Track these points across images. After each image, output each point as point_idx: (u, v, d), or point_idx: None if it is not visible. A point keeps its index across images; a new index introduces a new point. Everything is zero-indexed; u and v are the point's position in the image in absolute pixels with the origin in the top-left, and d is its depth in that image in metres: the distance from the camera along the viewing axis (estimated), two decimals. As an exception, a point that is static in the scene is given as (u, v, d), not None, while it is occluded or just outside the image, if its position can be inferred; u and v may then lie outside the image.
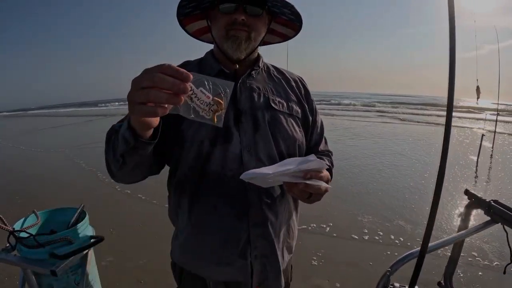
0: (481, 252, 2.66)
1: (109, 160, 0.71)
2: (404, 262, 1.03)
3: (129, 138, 0.60)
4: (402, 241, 2.87)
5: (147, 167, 0.75)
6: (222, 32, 0.79)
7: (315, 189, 0.69)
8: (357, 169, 5.29)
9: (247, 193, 0.80)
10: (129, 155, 0.64)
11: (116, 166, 0.68)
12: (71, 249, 1.12)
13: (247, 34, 0.79)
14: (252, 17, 0.79)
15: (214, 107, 0.52)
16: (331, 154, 1.02)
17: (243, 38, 0.79)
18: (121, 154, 0.64)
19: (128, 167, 0.68)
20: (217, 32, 0.82)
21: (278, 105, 0.86)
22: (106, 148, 0.70)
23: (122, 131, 0.61)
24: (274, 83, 0.91)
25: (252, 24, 0.79)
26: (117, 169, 0.69)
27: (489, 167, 5.56)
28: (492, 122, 7.19)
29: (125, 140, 0.61)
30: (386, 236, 2.95)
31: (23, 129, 13.03)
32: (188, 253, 0.86)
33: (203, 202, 0.82)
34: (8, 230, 1.14)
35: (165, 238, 1.05)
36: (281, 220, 0.86)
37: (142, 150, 0.62)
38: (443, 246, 1.12)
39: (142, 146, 0.61)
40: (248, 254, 0.82)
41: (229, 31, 0.78)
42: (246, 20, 0.78)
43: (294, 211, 0.94)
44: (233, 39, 0.78)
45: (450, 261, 1.39)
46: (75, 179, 4.90)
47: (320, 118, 1.00)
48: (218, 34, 0.82)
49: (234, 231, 0.81)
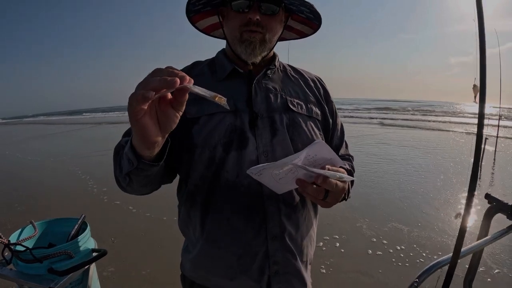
0: (499, 258, 2.59)
1: (118, 176, 0.67)
2: (432, 272, 0.96)
3: (132, 158, 0.57)
4: (413, 249, 2.80)
5: (157, 183, 0.72)
6: (235, 33, 0.75)
7: (332, 185, 0.61)
8: (364, 175, 5.23)
9: (265, 203, 0.73)
10: (134, 175, 0.61)
11: (125, 182, 0.66)
12: (71, 264, 1.04)
13: (262, 36, 0.74)
14: (267, 16, 0.74)
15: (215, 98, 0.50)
16: (352, 158, 0.94)
17: (258, 42, 0.74)
18: (127, 173, 0.61)
19: (136, 185, 0.65)
20: (230, 32, 0.77)
21: (297, 107, 0.80)
22: (114, 163, 0.68)
23: (126, 150, 0.58)
24: (291, 83, 0.84)
25: (267, 24, 0.74)
26: (125, 185, 0.67)
27: (491, 172, 5.53)
28: (495, 123, 7.15)
29: (129, 160, 0.58)
30: (394, 245, 2.88)
31: (20, 136, 12.93)
32: (201, 268, 0.79)
33: (217, 214, 0.75)
34: (3, 243, 1.06)
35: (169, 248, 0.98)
36: (302, 231, 0.79)
37: (146, 171, 0.59)
38: (470, 252, 1.06)
39: (146, 167, 0.57)
40: (266, 270, 0.75)
41: (243, 34, 0.74)
42: (261, 20, 0.72)
43: (315, 219, 0.86)
44: (247, 43, 0.73)
45: (470, 268, 1.33)
46: (74, 189, 4.80)
47: (340, 121, 0.94)
48: (231, 35, 0.76)
49: (251, 246, 0.74)
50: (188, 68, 0.83)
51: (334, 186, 0.62)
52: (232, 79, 0.78)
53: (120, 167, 0.64)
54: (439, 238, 2.92)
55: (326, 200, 0.64)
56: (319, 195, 0.62)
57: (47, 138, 12.17)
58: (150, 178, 0.63)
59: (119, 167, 0.64)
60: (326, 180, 0.60)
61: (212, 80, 0.78)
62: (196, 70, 0.81)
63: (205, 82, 0.77)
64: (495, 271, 2.40)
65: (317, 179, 0.59)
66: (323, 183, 0.60)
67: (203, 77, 0.79)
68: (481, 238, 1.21)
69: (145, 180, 0.63)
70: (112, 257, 2.54)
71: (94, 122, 19.30)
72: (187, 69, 0.82)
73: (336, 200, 0.67)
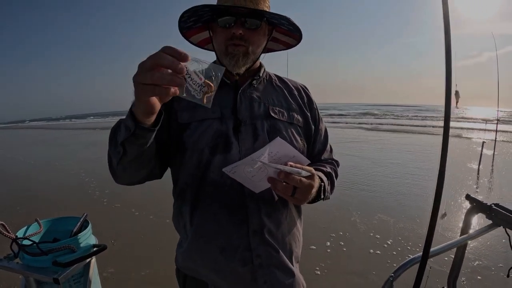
0: (484, 256, 2.65)
1: (111, 153, 0.71)
2: (407, 267, 1.02)
3: (130, 124, 0.60)
4: (407, 249, 2.84)
5: (147, 161, 0.73)
6: (222, 46, 0.81)
7: (295, 180, 0.67)
8: (358, 177, 5.28)
9: (246, 200, 0.80)
10: (129, 142, 0.63)
11: (117, 157, 0.68)
12: (74, 257, 1.12)
13: (245, 49, 0.80)
14: (250, 30, 0.80)
15: (204, 88, 0.54)
16: (335, 163, 0.99)
17: (241, 55, 0.80)
18: (122, 142, 0.64)
19: (128, 157, 0.67)
20: (217, 46, 0.84)
21: (278, 114, 0.86)
22: (109, 141, 0.70)
23: (125, 118, 0.62)
24: (275, 93, 0.91)
25: (249, 38, 0.80)
26: (117, 161, 0.69)
27: (491, 174, 5.55)
28: (494, 126, 7.17)
29: (126, 127, 0.61)
30: (389, 245, 2.92)
31: (22, 140, 13.08)
32: (190, 259, 0.86)
33: (203, 209, 0.82)
34: (11, 238, 1.14)
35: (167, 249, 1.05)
36: (283, 228, 0.85)
37: (142, 138, 0.62)
38: (445, 250, 1.11)
39: (143, 132, 0.61)
40: (249, 262, 0.81)
41: (228, 47, 0.80)
42: (244, 34, 0.78)
43: (298, 219, 0.92)
44: (231, 56, 0.80)
45: (454, 266, 1.38)
46: (75, 191, 4.89)
47: (325, 126, 1.00)
48: (218, 48, 0.83)
49: (233, 238, 0.81)
50: None
51: (298, 182, 0.67)
52: (220, 88, 0.86)
53: (115, 141, 0.67)
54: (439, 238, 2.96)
55: (295, 197, 0.70)
56: (287, 191, 0.68)
57: (59, 142, 12.30)
58: (143, 148, 0.66)
59: (114, 141, 0.68)
60: (289, 176, 0.66)
61: None
62: None
63: None
64: (481, 270, 2.45)
65: (279, 174, 0.66)
66: (286, 178, 0.66)
67: None
68: (461, 236, 1.28)
69: (138, 151, 0.65)
70: (112, 258, 2.60)
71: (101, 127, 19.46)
72: None
73: (305, 197, 0.72)
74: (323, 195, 0.82)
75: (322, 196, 0.82)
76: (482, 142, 6.07)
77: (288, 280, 0.85)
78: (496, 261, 2.56)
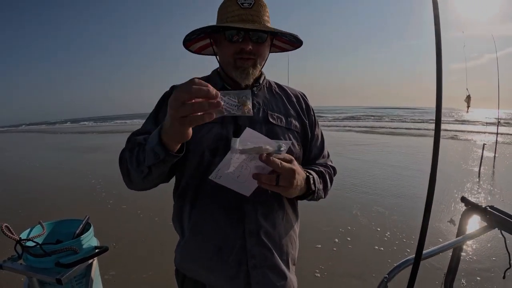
0: (481, 257, 2.66)
1: (131, 170, 0.77)
2: (401, 269, 1.03)
3: (160, 152, 0.67)
4: (407, 251, 2.85)
5: (167, 175, 0.83)
6: (229, 59, 0.84)
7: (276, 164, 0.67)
8: (357, 180, 5.29)
9: (243, 202, 0.83)
10: (157, 167, 0.71)
11: (140, 176, 0.76)
12: (76, 259, 1.15)
13: (254, 61, 0.84)
14: (258, 44, 0.83)
15: (241, 106, 0.61)
16: (330, 167, 1.01)
17: (250, 67, 0.84)
18: (149, 166, 0.71)
19: (153, 176, 0.75)
20: (224, 58, 0.87)
21: (277, 120, 0.90)
22: (129, 160, 0.77)
23: (152, 146, 0.68)
24: (274, 99, 0.95)
25: (257, 51, 0.84)
26: (140, 179, 0.77)
27: (492, 176, 5.54)
28: (494, 128, 7.17)
29: (155, 154, 0.68)
30: (388, 247, 2.94)
31: (25, 143, 13.15)
32: (188, 259, 0.89)
33: (202, 209, 0.85)
34: (15, 239, 1.17)
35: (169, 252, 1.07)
36: (280, 230, 0.87)
37: (169, 162, 0.70)
38: (439, 252, 1.12)
39: (171, 159, 0.69)
40: (244, 262, 0.84)
41: (237, 61, 0.83)
42: (253, 48, 0.82)
43: (295, 222, 0.95)
44: (241, 70, 0.84)
45: (450, 268, 1.39)
46: (78, 194, 4.93)
47: (321, 132, 1.03)
48: (225, 61, 0.86)
49: (229, 239, 0.83)
50: None
51: (278, 166, 0.67)
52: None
53: (138, 161, 0.74)
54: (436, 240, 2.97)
55: (280, 185, 0.70)
56: (272, 181, 0.69)
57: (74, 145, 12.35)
58: (167, 168, 0.74)
59: (136, 162, 0.74)
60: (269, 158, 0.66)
61: None
62: None
63: None
64: (480, 271, 2.46)
65: (261, 156, 0.66)
66: (268, 160, 0.66)
67: None
68: (456, 238, 1.29)
69: (162, 171, 0.75)
70: (114, 261, 2.63)
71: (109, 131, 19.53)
72: None
73: (290, 182, 0.70)
74: (314, 187, 0.82)
75: (313, 188, 0.81)
76: (483, 144, 6.06)
77: (280, 282, 0.87)
78: (496, 263, 2.57)
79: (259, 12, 0.83)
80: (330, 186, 0.96)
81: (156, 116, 0.90)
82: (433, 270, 2.33)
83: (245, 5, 0.82)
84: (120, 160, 0.82)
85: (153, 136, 0.69)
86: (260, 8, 0.84)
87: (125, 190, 0.89)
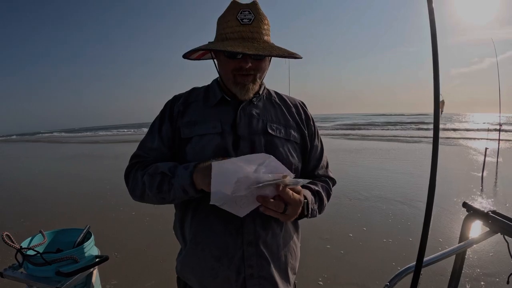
0: (484, 262, 2.63)
1: (149, 193, 0.83)
2: (402, 276, 1.03)
3: (191, 192, 0.78)
4: (410, 258, 2.83)
5: None
6: (229, 75, 0.85)
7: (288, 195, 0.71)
8: (360, 187, 5.27)
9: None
10: (180, 199, 0.81)
11: (157, 200, 0.84)
12: (76, 268, 1.15)
13: (253, 77, 0.85)
14: (257, 60, 0.83)
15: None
16: (330, 180, 1.01)
17: (250, 83, 0.85)
18: (173, 198, 0.81)
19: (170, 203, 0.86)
20: (223, 73, 0.88)
21: (276, 131, 0.90)
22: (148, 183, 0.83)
23: (183, 184, 0.77)
24: (274, 110, 0.94)
25: (257, 67, 0.84)
26: (156, 201, 0.85)
27: (495, 180, 5.51)
28: (496, 132, 7.14)
29: (184, 191, 0.78)
30: (392, 254, 2.91)
31: (25, 153, 13.22)
32: (188, 267, 0.89)
33: (202, 219, 0.85)
34: (16, 248, 1.17)
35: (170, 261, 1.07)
36: (278, 241, 0.88)
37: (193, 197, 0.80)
38: (441, 259, 1.11)
39: (196, 195, 0.79)
40: (242, 271, 0.84)
41: (237, 77, 0.84)
42: (252, 65, 0.82)
43: (295, 232, 0.94)
44: (241, 86, 0.84)
45: (453, 274, 1.38)
46: (78, 203, 4.93)
47: (321, 142, 1.02)
48: (225, 76, 0.87)
49: (228, 248, 0.84)
50: (187, 94, 0.95)
51: (291, 197, 0.72)
52: (222, 105, 0.90)
53: (159, 189, 0.81)
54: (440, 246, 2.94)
55: (286, 213, 0.73)
56: (279, 208, 0.72)
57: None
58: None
59: (158, 188, 0.81)
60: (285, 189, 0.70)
61: (205, 106, 0.91)
62: (193, 96, 0.94)
63: (200, 106, 0.91)
64: (485, 276, 2.43)
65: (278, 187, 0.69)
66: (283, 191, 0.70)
67: (198, 103, 0.92)
68: (458, 244, 1.28)
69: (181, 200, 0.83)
70: (115, 270, 2.61)
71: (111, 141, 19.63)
72: (186, 94, 0.95)
73: (295, 212, 0.76)
74: (307, 211, 0.84)
75: (306, 212, 0.84)
76: (485, 148, 6.02)
77: None
78: (500, 267, 2.54)
79: (259, 27, 0.82)
80: (328, 201, 0.97)
81: (160, 130, 0.91)
82: (436, 276, 2.31)
83: (244, 21, 0.81)
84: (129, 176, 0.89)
85: (184, 175, 0.77)
86: (260, 23, 0.83)
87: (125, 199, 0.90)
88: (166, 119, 0.91)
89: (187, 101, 0.93)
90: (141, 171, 0.87)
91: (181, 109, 0.91)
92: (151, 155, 0.90)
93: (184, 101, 0.93)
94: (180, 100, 0.93)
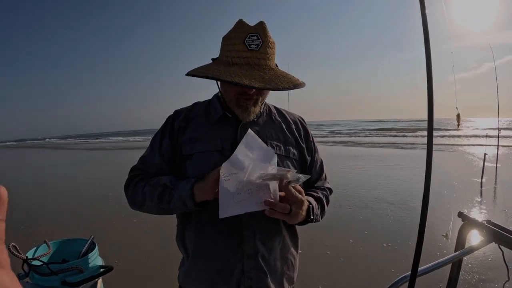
0: (481, 269, 2.65)
1: (149, 203, 0.87)
2: (398, 286, 1.05)
3: (190, 205, 0.82)
4: (410, 266, 2.83)
5: None
6: (231, 97, 0.86)
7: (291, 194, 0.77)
8: (359, 194, 5.28)
9: (242, 228, 0.86)
10: (179, 210, 0.86)
11: (156, 210, 0.88)
12: (82, 278, 1.17)
13: (256, 100, 0.86)
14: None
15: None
16: (327, 190, 1.05)
17: (252, 106, 0.86)
18: (172, 209, 0.85)
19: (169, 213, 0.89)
20: (226, 94, 0.88)
21: (276, 148, 0.91)
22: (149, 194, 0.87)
23: (183, 195, 0.81)
24: (274, 127, 0.96)
25: (260, 92, 0.85)
26: (155, 211, 0.89)
27: (494, 186, 5.52)
28: (495, 136, 7.15)
29: (183, 203, 0.82)
30: (392, 262, 2.92)
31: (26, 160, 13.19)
32: (190, 279, 0.92)
33: (203, 233, 0.88)
34: (22, 258, 1.20)
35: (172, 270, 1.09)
36: (275, 254, 0.90)
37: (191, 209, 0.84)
38: (436, 268, 1.13)
39: (195, 208, 0.83)
40: (242, 283, 0.87)
41: (239, 100, 0.85)
42: (256, 90, 0.83)
43: (293, 245, 0.97)
44: (243, 108, 0.86)
45: (449, 283, 1.41)
46: (79, 211, 4.94)
47: (320, 157, 1.06)
48: (227, 97, 0.88)
49: (229, 262, 0.86)
50: (189, 109, 0.98)
51: (293, 195, 0.77)
52: (222, 122, 0.92)
53: (160, 199, 0.85)
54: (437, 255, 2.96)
55: (291, 214, 0.78)
56: (286, 209, 0.77)
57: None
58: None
59: (158, 199, 0.85)
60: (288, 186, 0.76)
61: (206, 122, 0.93)
62: (194, 112, 0.96)
63: (200, 123, 0.93)
64: (483, 283, 2.43)
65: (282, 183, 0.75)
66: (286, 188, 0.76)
67: (199, 119, 0.94)
68: (454, 253, 1.31)
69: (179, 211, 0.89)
70: (117, 279, 2.62)
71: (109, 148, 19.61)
72: (187, 110, 0.97)
73: (299, 212, 0.80)
74: (312, 215, 0.88)
75: (312, 216, 0.87)
76: (484, 154, 6.03)
77: None
78: (496, 275, 2.54)
79: (266, 54, 0.81)
80: (327, 207, 1.01)
81: (160, 146, 0.94)
82: (433, 285, 2.32)
83: (252, 47, 0.79)
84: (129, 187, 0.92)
85: (184, 188, 0.82)
86: (268, 49, 0.81)
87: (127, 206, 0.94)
88: (167, 136, 0.93)
89: (188, 116, 0.95)
90: (141, 182, 0.90)
91: (182, 125, 0.93)
92: (151, 169, 0.94)
93: (185, 117, 0.95)
94: (181, 116, 0.95)
